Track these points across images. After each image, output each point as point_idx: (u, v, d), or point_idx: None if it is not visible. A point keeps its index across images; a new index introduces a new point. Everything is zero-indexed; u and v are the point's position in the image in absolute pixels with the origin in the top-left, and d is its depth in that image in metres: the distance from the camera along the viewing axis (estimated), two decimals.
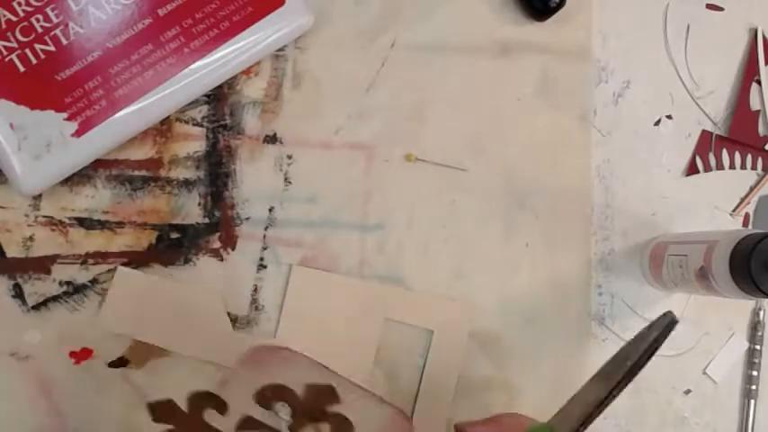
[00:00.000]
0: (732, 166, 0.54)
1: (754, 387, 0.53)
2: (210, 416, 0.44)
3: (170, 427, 0.42)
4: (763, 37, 0.54)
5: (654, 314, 0.53)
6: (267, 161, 0.51)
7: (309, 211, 0.51)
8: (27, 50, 0.46)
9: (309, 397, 0.42)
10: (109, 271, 0.49)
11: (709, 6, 0.55)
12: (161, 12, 0.47)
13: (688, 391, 0.53)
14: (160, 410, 0.45)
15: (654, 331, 0.36)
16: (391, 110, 0.52)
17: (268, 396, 0.42)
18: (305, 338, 0.49)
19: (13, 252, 0.49)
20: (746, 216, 0.54)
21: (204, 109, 0.51)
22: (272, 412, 0.42)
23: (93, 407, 0.49)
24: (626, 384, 0.35)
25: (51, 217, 0.49)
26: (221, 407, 0.43)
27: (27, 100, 0.46)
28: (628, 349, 0.37)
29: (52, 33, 0.46)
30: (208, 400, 0.43)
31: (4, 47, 0.46)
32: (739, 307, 0.53)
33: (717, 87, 0.54)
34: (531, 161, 0.52)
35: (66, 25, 0.46)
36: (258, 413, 0.42)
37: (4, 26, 0.46)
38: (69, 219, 0.49)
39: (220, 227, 0.50)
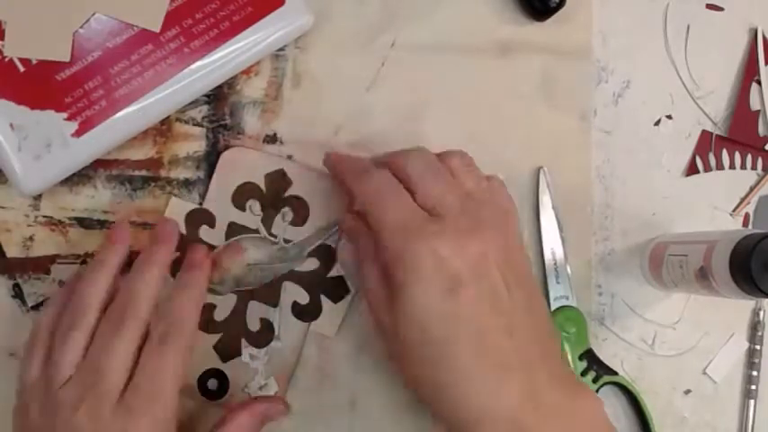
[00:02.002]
0: (732, 166, 0.54)
1: (754, 387, 0.53)
2: (204, 232, 0.49)
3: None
4: (763, 37, 0.54)
5: (654, 314, 0.53)
6: None
7: None
8: None
9: (270, 187, 0.49)
10: None
11: (709, 6, 0.55)
12: None
13: (688, 391, 0.53)
14: None
15: None
16: (391, 110, 0.52)
17: (240, 197, 0.49)
18: None
19: (13, 252, 0.49)
20: (746, 216, 0.54)
21: (204, 109, 0.51)
22: (248, 212, 0.48)
23: None
24: None
25: (51, 217, 0.49)
26: (211, 221, 0.49)
27: (27, 100, 0.46)
28: None
29: None
30: (200, 215, 0.49)
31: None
32: (739, 307, 0.53)
33: (717, 87, 0.54)
34: (531, 161, 0.52)
35: None
36: (236, 216, 0.48)
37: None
38: (69, 219, 0.49)
39: None
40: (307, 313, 0.49)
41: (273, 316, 0.49)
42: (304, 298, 0.49)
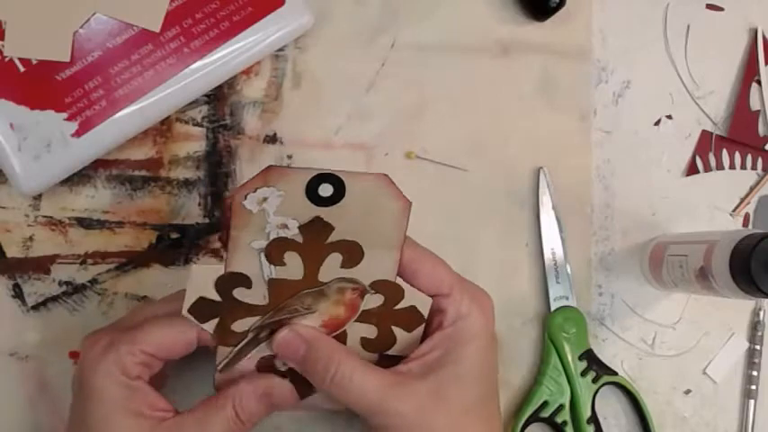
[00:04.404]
0: (732, 166, 0.54)
1: (754, 387, 0.53)
2: (240, 293, 0.42)
3: None
4: (763, 37, 0.54)
5: (654, 314, 0.53)
6: (267, 161, 0.51)
7: None
8: None
9: (307, 238, 0.41)
10: (108, 271, 0.50)
11: (709, 6, 0.55)
12: None
13: (688, 391, 0.53)
14: None
15: None
16: (391, 110, 0.52)
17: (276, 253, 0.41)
18: None
19: (13, 252, 0.49)
20: (746, 216, 0.54)
21: (204, 109, 0.51)
22: (288, 266, 0.41)
23: None
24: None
25: (51, 217, 0.49)
26: (245, 282, 0.41)
27: (27, 100, 0.46)
28: None
29: None
30: (231, 281, 0.42)
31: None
32: (739, 307, 0.53)
33: (717, 87, 0.54)
34: (531, 161, 0.52)
35: None
36: (275, 272, 0.41)
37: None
38: (69, 219, 0.49)
39: (220, 227, 0.50)
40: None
41: None
42: (372, 333, 0.44)
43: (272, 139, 0.51)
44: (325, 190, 0.39)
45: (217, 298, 0.41)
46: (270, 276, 0.41)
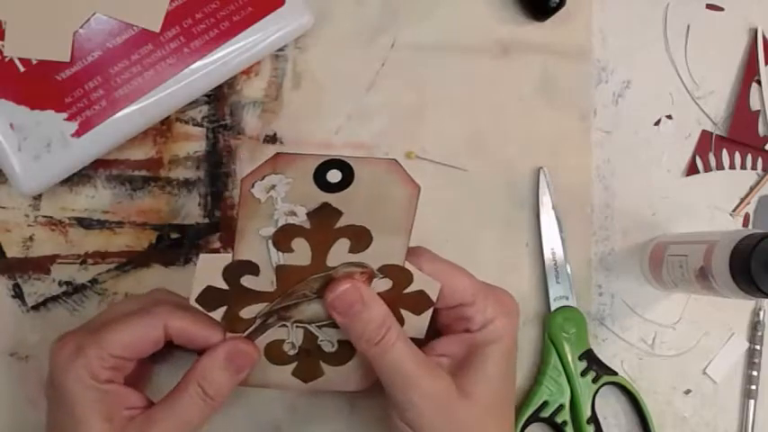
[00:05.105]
0: (732, 166, 0.54)
1: (754, 387, 0.53)
2: (248, 281, 0.42)
3: None
4: (763, 37, 0.54)
5: (654, 314, 0.53)
6: None
7: None
8: None
9: (315, 224, 0.41)
10: (108, 271, 0.50)
11: (709, 6, 0.55)
12: None
13: (688, 391, 0.53)
14: None
15: None
16: (391, 110, 0.52)
17: (284, 239, 0.41)
18: None
19: (13, 252, 0.49)
20: (746, 216, 0.54)
21: (204, 109, 0.51)
22: (296, 252, 0.41)
23: None
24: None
25: (51, 217, 0.49)
26: (253, 269, 0.42)
27: (27, 100, 0.45)
28: None
29: None
30: (239, 268, 0.42)
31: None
32: (739, 307, 0.53)
33: (717, 87, 0.54)
34: (531, 161, 0.52)
35: None
36: (283, 258, 0.41)
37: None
38: (69, 219, 0.49)
39: (220, 227, 0.50)
40: None
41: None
42: None
43: (272, 139, 0.51)
44: (334, 176, 0.39)
45: (224, 287, 0.41)
46: (278, 263, 0.41)
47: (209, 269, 0.41)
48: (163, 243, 0.50)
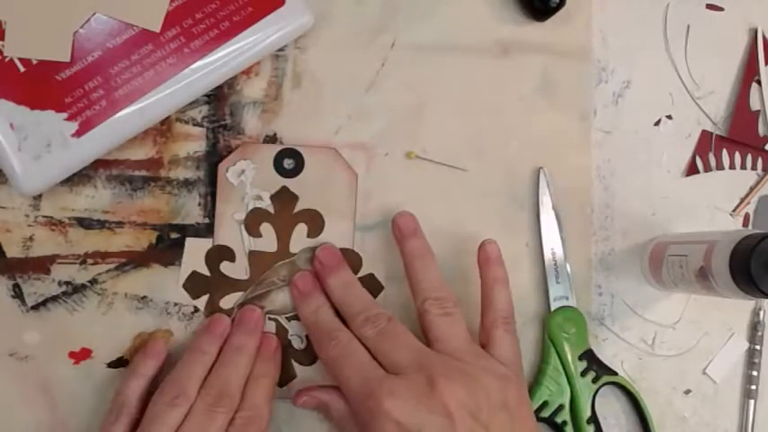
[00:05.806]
0: (732, 166, 0.54)
1: (754, 387, 0.53)
2: (226, 267, 0.49)
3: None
4: (763, 37, 0.54)
5: (654, 314, 0.53)
6: None
7: None
8: None
9: (277, 208, 0.49)
10: (108, 271, 0.50)
11: (709, 6, 0.55)
12: None
13: (688, 391, 0.53)
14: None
15: None
16: (391, 110, 0.52)
17: (253, 223, 0.49)
18: None
19: (12, 252, 0.49)
20: (746, 216, 0.54)
21: (204, 109, 0.51)
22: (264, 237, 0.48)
23: (93, 407, 0.49)
24: None
25: (51, 217, 0.49)
26: (230, 255, 0.49)
27: (27, 100, 0.46)
28: None
29: None
30: (218, 253, 0.49)
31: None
32: (739, 307, 0.53)
33: (717, 87, 0.54)
34: (531, 161, 0.52)
35: None
36: (254, 243, 0.49)
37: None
38: (69, 219, 0.49)
39: None
40: None
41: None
42: None
43: (272, 139, 0.51)
44: (289, 164, 0.48)
45: (206, 272, 0.48)
46: (250, 249, 0.48)
47: (194, 253, 0.48)
48: (163, 243, 0.50)
